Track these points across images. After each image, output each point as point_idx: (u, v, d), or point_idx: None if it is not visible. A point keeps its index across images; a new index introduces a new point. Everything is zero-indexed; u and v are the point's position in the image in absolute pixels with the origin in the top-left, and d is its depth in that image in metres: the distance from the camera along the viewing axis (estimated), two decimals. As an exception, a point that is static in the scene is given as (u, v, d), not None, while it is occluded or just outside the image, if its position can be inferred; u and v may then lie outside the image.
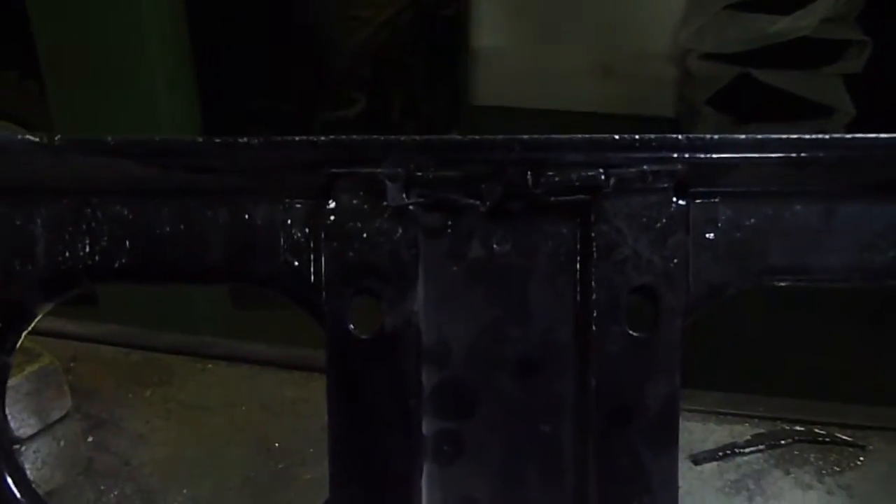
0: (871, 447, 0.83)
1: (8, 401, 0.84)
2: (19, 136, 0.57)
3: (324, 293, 0.58)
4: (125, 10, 1.97)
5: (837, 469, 0.81)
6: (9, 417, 0.84)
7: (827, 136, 0.55)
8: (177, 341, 1.00)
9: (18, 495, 0.65)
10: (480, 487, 0.60)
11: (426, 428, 0.59)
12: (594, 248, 0.57)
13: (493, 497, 0.60)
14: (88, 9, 1.94)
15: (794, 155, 0.55)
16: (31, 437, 0.86)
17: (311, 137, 0.55)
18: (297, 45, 2.52)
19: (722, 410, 0.87)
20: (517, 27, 3.85)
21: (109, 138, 0.56)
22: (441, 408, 0.60)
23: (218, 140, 0.56)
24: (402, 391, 0.58)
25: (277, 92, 2.45)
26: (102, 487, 0.80)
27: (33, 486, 0.79)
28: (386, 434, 0.59)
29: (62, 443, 0.86)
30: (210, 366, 0.96)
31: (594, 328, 0.58)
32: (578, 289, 0.58)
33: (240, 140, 0.56)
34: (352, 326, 0.58)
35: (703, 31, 3.45)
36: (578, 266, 0.58)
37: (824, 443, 0.83)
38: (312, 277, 0.59)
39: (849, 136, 0.55)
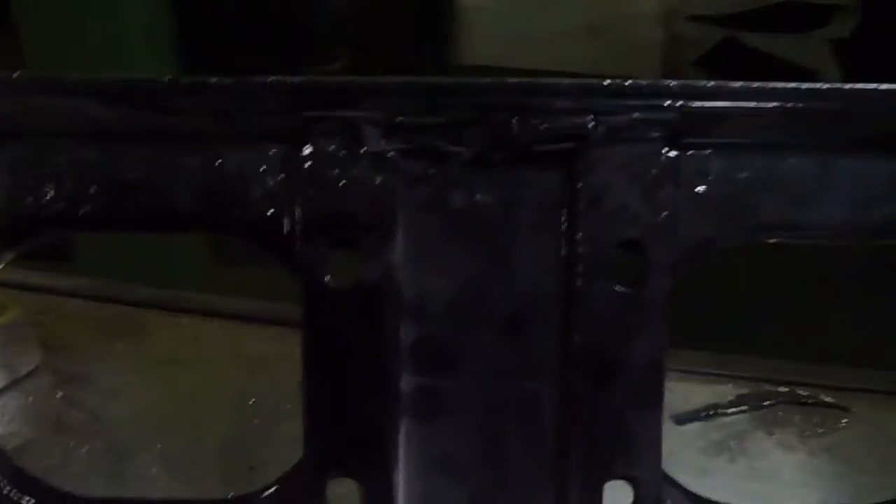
0: (854, 409, 0.82)
1: (-26, 354, 0.82)
2: (-25, 75, 0.53)
3: (299, 243, 0.56)
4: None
5: (820, 430, 0.80)
6: (-25, 371, 0.82)
7: (825, 86, 0.53)
8: (151, 295, 0.98)
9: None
10: (460, 445, 0.58)
11: (405, 384, 0.58)
12: (581, 200, 0.55)
13: (473, 455, 0.58)
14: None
15: (790, 105, 0.53)
16: (-1, 392, 0.84)
17: (285, 78, 0.53)
18: (279, 5, 2.47)
19: (705, 370, 0.86)
20: (504, -14, 3.79)
21: (73, 76, 0.54)
22: (420, 363, 0.58)
23: (186, 80, 0.53)
24: (379, 345, 0.57)
25: (259, 47, 2.40)
26: (72, 443, 0.78)
27: (1, 441, 0.77)
28: (363, 389, 0.57)
29: (31, 398, 0.84)
30: (185, 320, 0.94)
31: (579, 283, 0.56)
32: (564, 242, 0.56)
33: (209, 80, 0.53)
34: (328, 278, 0.56)
35: (691, -8, 3.41)
36: (564, 218, 0.56)
37: (808, 404, 0.83)
38: (287, 227, 0.56)
39: (847, 86, 0.53)
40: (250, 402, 0.82)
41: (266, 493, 0.61)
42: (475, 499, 0.59)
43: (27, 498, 0.61)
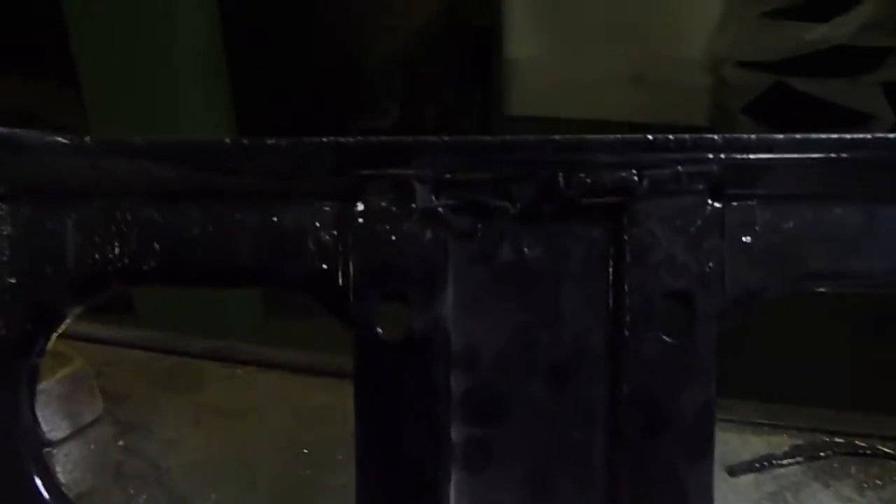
0: (914, 460, 0.80)
1: (39, 404, 0.84)
2: (49, 137, 0.57)
3: (352, 296, 0.57)
4: (160, 20, 2.00)
5: (879, 482, 0.78)
6: (40, 420, 0.85)
7: (869, 136, 0.53)
8: (208, 347, 1.00)
9: (48, 497, 0.65)
10: (509, 496, 0.59)
11: (455, 434, 0.59)
12: (627, 252, 0.56)
13: (523, 505, 0.59)
14: (125, 17, 1.97)
15: (834, 155, 0.54)
16: (63, 441, 0.87)
17: (339, 139, 0.55)
18: (329, 54, 2.54)
19: (759, 421, 0.85)
20: (550, 37, 3.84)
21: (139, 139, 0.57)
22: (470, 414, 0.59)
23: (245, 141, 0.56)
24: (430, 396, 0.58)
25: (310, 101, 2.46)
26: (132, 491, 0.80)
27: (63, 489, 0.79)
28: (414, 440, 0.58)
29: (93, 446, 0.86)
30: (240, 371, 0.96)
31: (627, 334, 0.56)
32: (611, 293, 0.57)
33: (267, 141, 0.55)
34: (380, 330, 0.57)
35: (739, 38, 3.41)
36: (611, 270, 0.57)
37: (865, 455, 0.81)
38: (341, 281, 0.58)
39: (891, 135, 0.53)
40: (304, 452, 0.83)
41: (320, 543, 0.62)
42: (526, 549, 0.59)
43: (89, 545, 0.63)
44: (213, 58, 2.09)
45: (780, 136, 0.53)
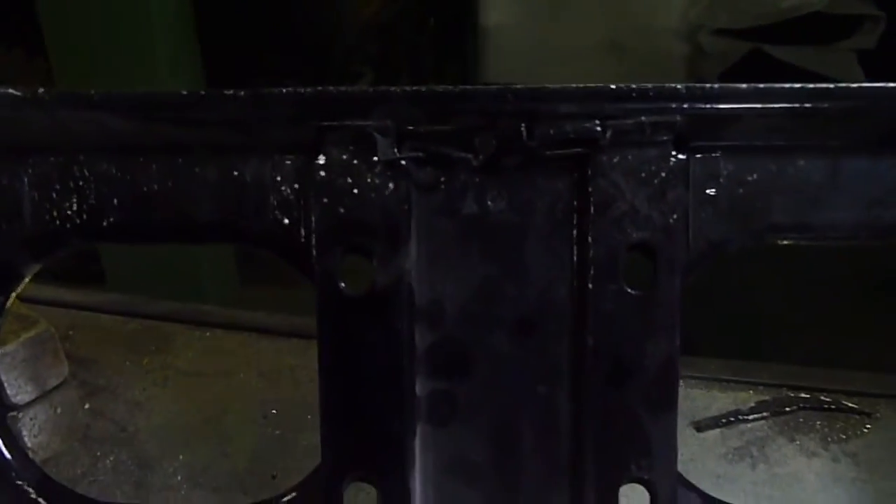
0: (877, 414, 0.81)
1: (4, 367, 0.84)
2: (2, 90, 0.55)
3: (314, 251, 0.57)
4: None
5: (843, 436, 0.79)
6: (5, 384, 0.84)
7: (832, 86, 0.53)
8: (175, 309, 0.99)
9: (12, 462, 0.64)
10: (474, 449, 0.59)
11: (420, 388, 0.58)
12: (591, 204, 0.55)
13: (488, 458, 0.59)
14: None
15: (797, 105, 0.54)
16: (28, 405, 0.86)
17: (297, 89, 0.54)
18: (302, 19, 2.51)
19: (725, 378, 0.86)
20: (526, 4, 3.80)
21: (93, 91, 0.55)
22: (435, 368, 0.59)
23: (203, 92, 0.55)
24: (394, 350, 0.57)
25: (283, 66, 2.43)
26: (98, 453, 0.79)
27: (30, 453, 0.79)
28: (378, 394, 0.58)
29: (59, 409, 0.85)
30: (208, 334, 0.95)
31: (591, 286, 0.56)
32: (575, 246, 0.57)
33: (225, 92, 0.54)
34: (342, 284, 0.57)
35: (715, 6, 3.39)
36: (575, 222, 0.57)
37: (830, 410, 0.82)
38: (303, 235, 0.57)
39: (854, 85, 0.53)
40: (272, 413, 0.83)
41: (285, 499, 0.61)
42: (490, 501, 0.59)
43: (52, 505, 0.63)
44: (183, 25, 2.05)
45: (744, 86, 0.53)
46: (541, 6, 3.76)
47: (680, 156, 0.55)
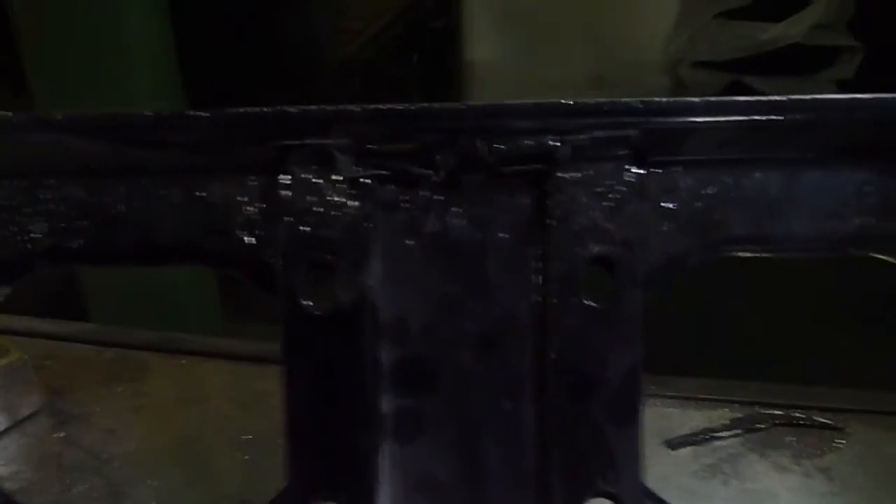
0: (849, 430, 0.82)
1: (-25, 397, 0.84)
2: (-32, 114, 0.56)
3: (278, 269, 0.57)
4: (111, 30, 1.98)
5: (816, 452, 0.79)
6: (-24, 414, 0.84)
7: (784, 98, 0.54)
8: (151, 338, 0.99)
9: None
10: (441, 465, 0.59)
11: (385, 406, 0.58)
12: (550, 219, 0.56)
13: (454, 474, 0.59)
14: (74, 29, 1.95)
15: (750, 118, 0.55)
16: (0, 434, 0.85)
17: (259, 109, 0.55)
18: (285, 58, 2.53)
19: (699, 396, 0.86)
20: (509, 40, 3.85)
21: (59, 114, 0.56)
22: (400, 385, 0.59)
23: (166, 113, 0.55)
24: (359, 368, 0.57)
25: (265, 102, 2.44)
26: (69, 481, 0.79)
27: (1, 481, 0.78)
28: (344, 412, 0.58)
29: (31, 439, 0.85)
30: (184, 361, 0.95)
31: (552, 300, 0.57)
32: (536, 261, 0.57)
33: (188, 112, 0.55)
34: (307, 303, 0.57)
35: (695, 39, 3.45)
36: (535, 238, 0.57)
37: (802, 426, 0.82)
38: (267, 254, 0.58)
39: (806, 97, 0.54)
40: (245, 438, 0.82)
41: (253, 520, 0.61)
42: (458, 518, 0.59)
43: (19, 530, 0.62)
44: (165, 66, 2.07)
45: (697, 100, 0.54)
46: (525, 41, 3.82)
47: (637, 170, 0.56)
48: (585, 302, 0.56)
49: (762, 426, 0.82)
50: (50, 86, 2.07)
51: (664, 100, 0.54)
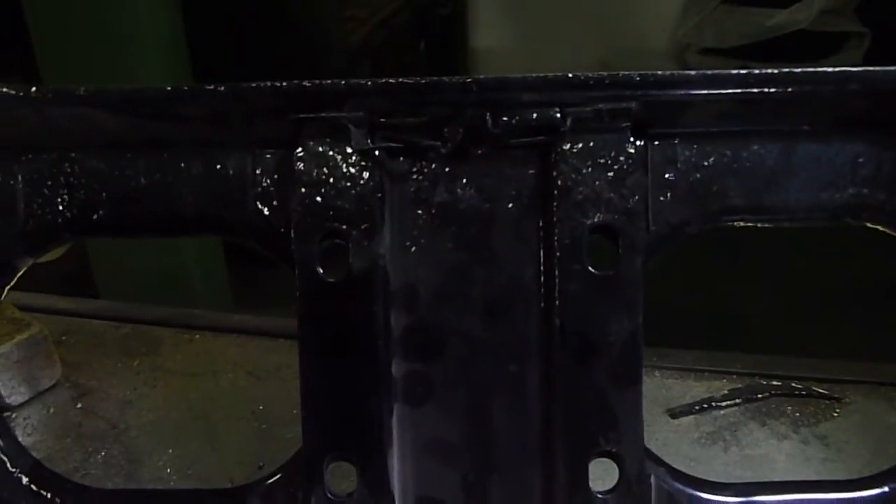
0: (847, 399, 0.84)
1: (-2, 369, 0.86)
2: (-5, 89, 0.58)
3: (293, 239, 0.60)
4: (122, 20, 1.99)
5: (814, 420, 0.81)
6: (-1, 385, 0.86)
7: (776, 71, 0.56)
8: (165, 314, 1.02)
9: (5, 450, 0.66)
10: (449, 427, 0.61)
11: (395, 370, 0.61)
12: (555, 189, 0.58)
13: (462, 436, 0.61)
14: (87, 17, 1.96)
15: (746, 90, 0.57)
16: (22, 405, 0.88)
17: (275, 83, 0.57)
18: (292, 46, 2.55)
19: (700, 367, 0.88)
20: (515, 26, 3.86)
21: (81, 88, 0.58)
22: (410, 350, 0.61)
23: (185, 87, 0.58)
24: (371, 333, 0.60)
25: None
26: (90, 449, 0.82)
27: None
28: (356, 376, 0.60)
29: (52, 410, 0.88)
30: (198, 336, 0.98)
31: (557, 268, 0.59)
32: (541, 230, 0.60)
33: (206, 86, 0.57)
34: (320, 270, 0.60)
35: (702, 25, 3.45)
36: (541, 207, 0.59)
37: (801, 396, 0.84)
38: (283, 225, 0.60)
39: (798, 69, 0.56)
40: (259, 408, 0.85)
41: (270, 481, 0.64)
42: (465, 478, 0.61)
43: (44, 491, 0.65)
44: (174, 53, 2.09)
45: (694, 73, 0.56)
46: (532, 28, 3.83)
47: (638, 142, 0.58)
48: (589, 269, 0.58)
49: (761, 396, 0.84)
50: (61, 75, 2.09)
51: (662, 73, 0.56)
